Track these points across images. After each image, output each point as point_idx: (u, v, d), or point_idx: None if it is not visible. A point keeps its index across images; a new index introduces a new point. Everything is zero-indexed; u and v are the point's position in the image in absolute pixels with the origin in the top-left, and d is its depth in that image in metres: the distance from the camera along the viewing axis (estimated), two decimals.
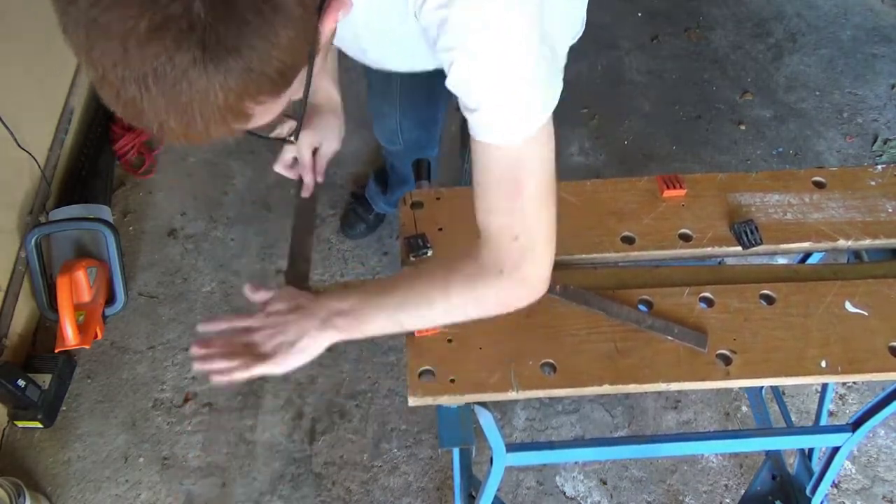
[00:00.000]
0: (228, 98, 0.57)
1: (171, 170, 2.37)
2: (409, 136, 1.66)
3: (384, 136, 1.69)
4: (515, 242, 0.81)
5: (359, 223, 2.17)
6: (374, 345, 2.00)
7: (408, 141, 1.67)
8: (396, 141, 1.68)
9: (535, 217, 0.81)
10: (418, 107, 1.56)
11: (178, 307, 2.07)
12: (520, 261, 0.82)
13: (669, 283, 1.03)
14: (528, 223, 0.81)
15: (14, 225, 1.97)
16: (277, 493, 1.77)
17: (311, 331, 0.90)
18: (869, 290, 1.00)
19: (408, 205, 1.11)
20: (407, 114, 1.57)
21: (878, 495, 1.75)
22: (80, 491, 1.77)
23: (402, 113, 1.56)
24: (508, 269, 0.82)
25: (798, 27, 2.78)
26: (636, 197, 1.12)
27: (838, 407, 1.88)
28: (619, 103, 2.53)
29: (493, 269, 0.83)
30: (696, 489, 1.76)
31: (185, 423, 1.87)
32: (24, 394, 1.76)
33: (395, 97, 1.51)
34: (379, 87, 1.53)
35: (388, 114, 1.58)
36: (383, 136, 1.70)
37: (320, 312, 0.90)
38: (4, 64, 1.95)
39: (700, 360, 0.94)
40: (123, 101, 0.57)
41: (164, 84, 0.54)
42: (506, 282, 0.83)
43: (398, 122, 1.59)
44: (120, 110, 0.59)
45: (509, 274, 0.83)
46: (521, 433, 1.85)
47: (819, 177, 1.14)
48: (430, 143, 1.72)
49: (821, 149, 2.42)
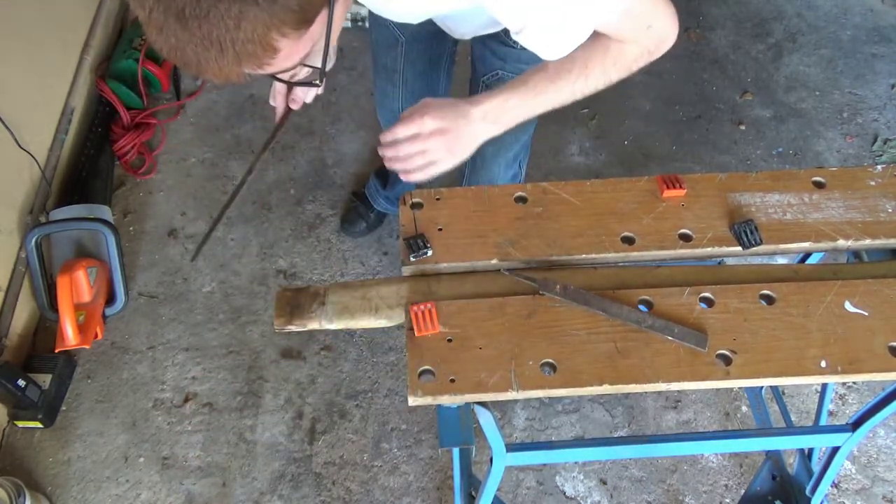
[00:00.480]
0: (256, 29, 0.64)
1: (171, 170, 2.37)
2: None
3: (386, 117, 1.70)
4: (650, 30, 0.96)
5: (359, 221, 2.17)
6: (375, 345, 2.00)
7: None
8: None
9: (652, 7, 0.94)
10: (421, 86, 1.57)
11: (178, 307, 2.07)
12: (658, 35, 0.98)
13: (669, 283, 1.03)
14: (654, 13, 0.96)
15: (14, 225, 1.97)
16: (277, 493, 1.77)
17: (468, 128, 1.02)
18: (869, 290, 1.00)
19: (408, 205, 1.11)
20: (410, 90, 1.57)
21: (878, 495, 1.75)
22: (80, 491, 1.77)
23: (404, 87, 1.56)
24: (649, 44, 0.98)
25: (798, 27, 2.78)
26: (636, 197, 1.12)
27: (838, 407, 1.88)
28: (619, 103, 2.54)
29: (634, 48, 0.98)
30: (696, 489, 1.76)
31: (185, 423, 1.87)
32: (24, 394, 1.76)
33: (399, 75, 1.52)
34: (384, 65, 1.54)
35: (392, 93, 1.59)
36: (385, 118, 1.71)
37: (472, 112, 1.02)
38: (4, 64, 1.95)
39: (700, 360, 0.94)
40: (165, 36, 0.64)
41: (198, 15, 0.62)
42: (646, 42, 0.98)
43: (401, 102, 1.60)
44: (164, 49, 0.66)
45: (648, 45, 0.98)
46: (521, 433, 1.85)
47: (819, 177, 1.14)
48: None
49: (821, 149, 2.42)
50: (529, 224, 1.08)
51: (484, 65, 1.38)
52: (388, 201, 2.11)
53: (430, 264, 1.05)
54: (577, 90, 1.01)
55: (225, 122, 2.48)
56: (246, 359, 1.98)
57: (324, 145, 2.42)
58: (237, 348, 2.00)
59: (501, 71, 1.35)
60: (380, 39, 1.49)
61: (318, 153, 2.41)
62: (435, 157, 1.02)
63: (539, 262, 1.06)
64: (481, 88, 1.41)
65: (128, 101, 2.40)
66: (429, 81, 1.56)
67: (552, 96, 1.01)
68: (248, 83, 0.72)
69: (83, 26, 2.40)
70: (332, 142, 2.42)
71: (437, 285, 1.04)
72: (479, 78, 1.40)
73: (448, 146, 1.01)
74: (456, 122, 1.01)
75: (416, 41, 1.44)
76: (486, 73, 1.38)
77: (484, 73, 1.38)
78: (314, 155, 2.40)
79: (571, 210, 1.10)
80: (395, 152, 1.02)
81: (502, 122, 1.03)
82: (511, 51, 1.30)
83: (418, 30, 1.39)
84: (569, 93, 1.01)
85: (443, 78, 1.58)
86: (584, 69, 0.99)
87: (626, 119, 2.50)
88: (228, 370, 1.96)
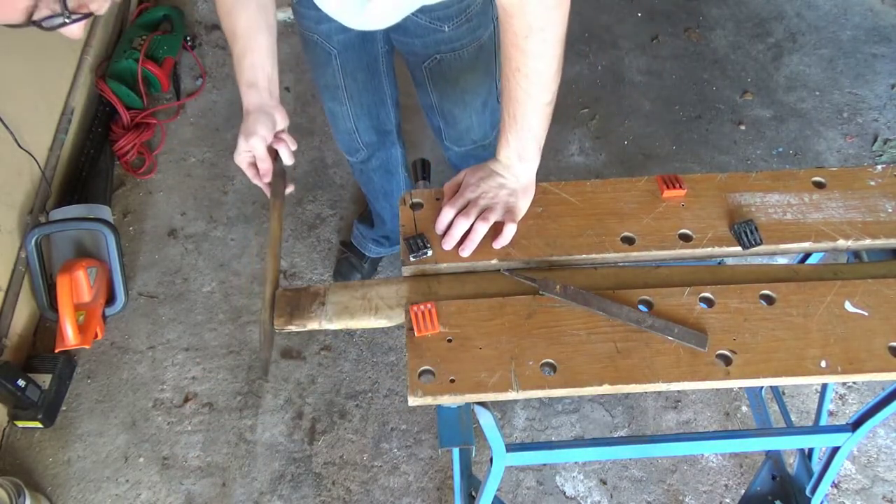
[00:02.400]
0: None
1: (171, 170, 2.37)
2: (367, 138, 1.65)
3: (343, 140, 1.68)
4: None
5: (353, 273, 2.09)
6: (374, 345, 2.00)
7: (368, 144, 1.67)
8: (357, 144, 1.66)
9: None
10: (368, 99, 1.57)
11: (178, 307, 2.07)
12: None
13: (669, 283, 1.03)
14: None
15: (14, 225, 1.97)
16: (277, 493, 1.77)
17: (508, 174, 1.08)
18: (869, 290, 1.00)
19: (408, 205, 1.11)
20: (357, 104, 1.56)
21: (878, 495, 1.75)
22: (80, 491, 1.77)
23: (351, 102, 1.55)
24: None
25: (798, 27, 2.78)
26: (636, 197, 1.12)
27: (838, 407, 1.88)
28: (619, 103, 2.54)
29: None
30: (696, 489, 1.76)
31: (185, 423, 1.87)
32: (24, 394, 1.77)
33: (342, 90, 1.52)
34: (325, 84, 1.53)
35: (340, 112, 1.58)
36: (343, 141, 1.69)
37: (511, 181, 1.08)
38: (4, 64, 1.95)
39: (700, 360, 0.94)
40: None
41: None
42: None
43: (353, 120, 1.59)
44: None
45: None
46: (521, 433, 1.85)
47: (819, 177, 1.14)
48: (389, 140, 1.71)
49: (821, 149, 2.42)
50: (529, 224, 1.08)
51: (417, 55, 1.41)
52: (377, 244, 2.06)
53: (430, 264, 1.05)
54: (529, 86, 1.02)
55: (225, 122, 2.48)
56: (246, 359, 1.98)
57: (324, 145, 2.42)
58: (237, 348, 2.00)
59: (438, 55, 1.39)
60: (314, 59, 1.47)
61: (318, 153, 2.41)
62: (500, 208, 1.05)
63: (539, 263, 1.06)
64: (425, 72, 1.44)
65: (128, 101, 2.40)
66: (374, 92, 1.55)
67: (525, 108, 1.04)
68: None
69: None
70: (332, 142, 2.42)
71: (437, 285, 1.04)
72: (420, 65, 1.43)
73: (501, 197, 1.06)
74: (492, 178, 1.07)
75: (348, 49, 1.43)
76: (426, 60, 1.41)
77: (422, 60, 1.42)
78: (314, 155, 2.40)
79: (571, 210, 1.10)
80: (457, 230, 1.05)
81: (526, 156, 1.07)
82: (441, 35, 1.34)
83: (347, 37, 1.40)
84: (527, 94, 1.02)
85: (386, 85, 1.57)
86: (510, 65, 1.01)
87: (626, 119, 2.50)
88: (228, 370, 1.96)
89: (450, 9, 1.30)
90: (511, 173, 1.07)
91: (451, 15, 1.31)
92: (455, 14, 1.31)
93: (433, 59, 1.41)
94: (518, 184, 1.07)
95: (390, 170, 1.80)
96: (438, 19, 1.32)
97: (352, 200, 2.28)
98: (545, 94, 1.03)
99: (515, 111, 1.04)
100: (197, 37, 2.71)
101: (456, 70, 1.43)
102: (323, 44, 1.41)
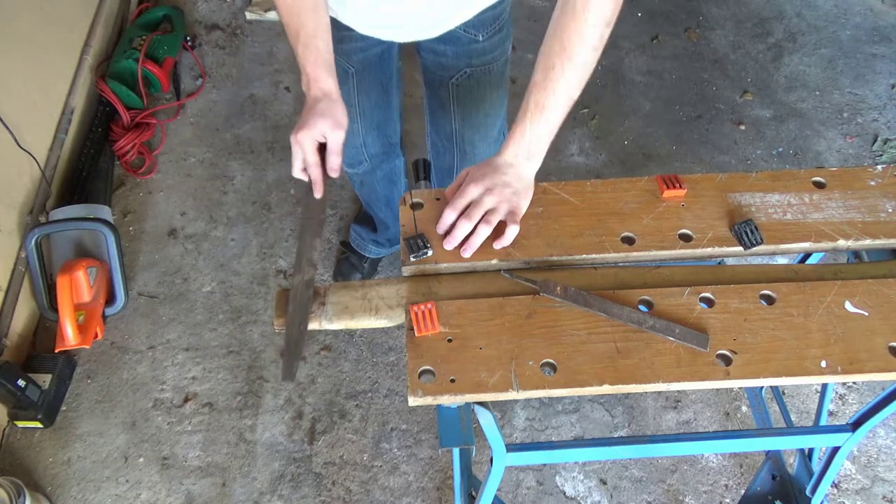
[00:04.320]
0: None
1: (171, 170, 2.37)
2: (373, 151, 1.64)
3: (350, 155, 1.65)
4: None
5: (353, 273, 2.09)
6: (375, 345, 2.00)
7: (373, 157, 1.66)
8: (362, 157, 1.65)
9: None
10: (379, 115, 1.56)
11: (178, 307, 2.07)
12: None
13: (670, 283, 1.03)
14: None
15: (14, 225, 1.97)
16: (277, 493, 1.77)
17: (512, 172, 1.06)
18: (869, 290, 1.00)
19: (408, 205, 1.11)
20: (368, 120, 1.55)
21: (878, 495, 1.75)
22: (80, 491, 1.77)
23: (362, 119, 1.54)
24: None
25: (798, 27, 2.78)
26: (636, 197, 1.12)
27: (838, 407, 1.88)
28: (619, 103, 2.54)
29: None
30: (696, 489, 1.76)
31: (185, 423, 1.87)
32: (24, 394, 1.76)
33: (355, 108, 1.50)
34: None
35: (350, 128, 1.57)
36: (349, 156, 1.66)
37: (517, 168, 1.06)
38: (4, 64, 1.95)
39: (700, 360, 0.94)
40: None
41: None
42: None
43: (362, 136, 1.58)
44: None
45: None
46: (521, 433, 1.85)
47: (819, 177, 1.14)
48: (394, 152, 1.71)
49: (821, 149, 2.42)
50: (529, 224, 1.08)
51: (447, 68, 1.38)
52: (377, 245, 2.06)
53: (431, 264, 1.05)
54: (572, 77, 1.02)
55: (225, 122, 2.48)
56: (246, 359, 1.98)
57: None
58: (237, 348, 2.00)
59: (469, 68, 1.36)
60: None
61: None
62: (503, 209, 1.04)
63: (539, 262, 1.06)
64: (451, 90, 1.41)
65: (128, 101, 2.40)
66: (385, 108, 1.55)
67: (556, 99, 1.02)
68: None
69: (83, 26, 2.40)
70: None
71: (438, 285, 1.04)
72: (447, 81, 1.40)
73: (504, 198, 1.04)
74: (495, 177, 1.05)
75: (367, 69, 1.41)
76: (455, 75, 1.39)
77: (451, 75, 1.39)
78: None
79: (571, 210, 1.10)
80: (459, 231, 1.03)
81: (535, 152, 1.05)
82: (475, 45, 1.31)
83: (366, 56, 1.38)
84: (566, 85, 1.02)
85: (395, 99, 1.57)
86: (563, 53, 1.00)
87: (626, 119, 2.50)
88: (228, 370, 1.96)
89: (485, 14, 1.28)
90: (515, 172, 1.06)
91: (485, 22, 1.30)
92: (490, 21, 1.30)
93: (463, 74, 1.37)
94: (521, 183, 1.06)
95: (393, 179, 1.81)
96: (473, 27, 1.30)
97: (352, 200, 2.27)
98: (578, 89, 1.03)
99: (545, 101, 1.02)
100: (197, 37, 2.72)
101: (483, 87, 1.41)
102: (342, 62, 1.39)
